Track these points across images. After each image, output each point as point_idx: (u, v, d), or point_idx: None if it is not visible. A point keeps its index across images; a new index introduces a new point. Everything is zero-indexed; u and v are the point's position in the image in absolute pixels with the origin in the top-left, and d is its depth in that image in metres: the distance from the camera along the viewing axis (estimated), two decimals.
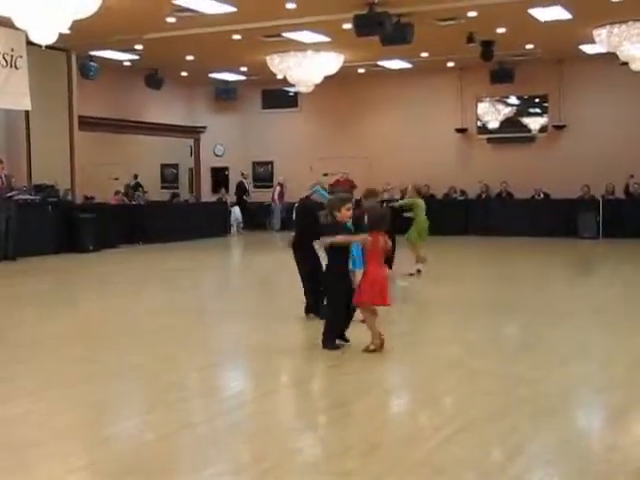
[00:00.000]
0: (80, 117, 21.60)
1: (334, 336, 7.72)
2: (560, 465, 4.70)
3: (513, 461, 4.69)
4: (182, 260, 17.75)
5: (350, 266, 8.33)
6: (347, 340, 7.85)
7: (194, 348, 8.13)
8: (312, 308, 9.40)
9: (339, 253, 7.79)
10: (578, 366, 7.20)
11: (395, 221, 10.21)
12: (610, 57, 19.93)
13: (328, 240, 7.66)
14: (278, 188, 26.36)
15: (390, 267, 12.34)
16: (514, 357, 7.53)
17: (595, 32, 18.66)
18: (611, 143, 23.27)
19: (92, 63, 21.61)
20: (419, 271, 13.48)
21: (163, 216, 22.31)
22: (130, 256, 18.67)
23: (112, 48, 21.02)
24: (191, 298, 11.91)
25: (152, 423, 5.59)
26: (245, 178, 27.07)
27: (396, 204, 13.77)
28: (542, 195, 23.36)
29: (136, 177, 25.34)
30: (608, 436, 5.31)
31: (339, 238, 7.61)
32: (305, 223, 9.29)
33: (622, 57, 19.13)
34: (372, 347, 7.48)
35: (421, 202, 13.85)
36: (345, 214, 7.78)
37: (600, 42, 18.87)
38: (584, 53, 22.03)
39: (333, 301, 7.83)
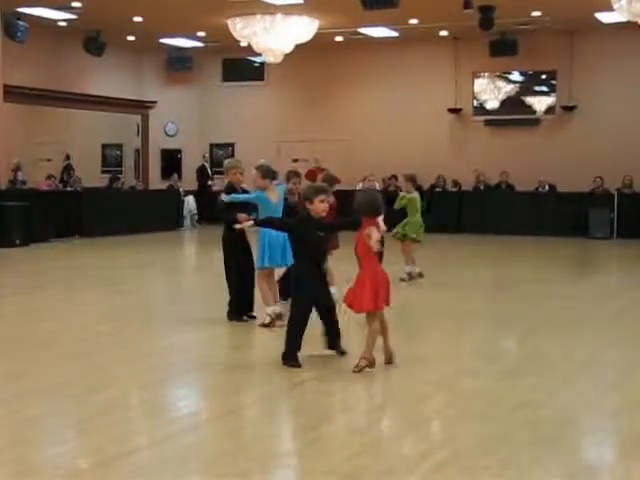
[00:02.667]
0: (5, 87, 21.38)
1: (296, 350, 7.70)
2: None
3: None
4: (125, 258, 17.66)
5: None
6: (343, 352, 7.96)
7: (137, 361, 8.09)
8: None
9: (307, 251, 7.85)
10: (585, 387, 7.27)
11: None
12: (630, 27, 20.06)
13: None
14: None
15: None
16: (511, 376, 7.57)
17: None
18: (629, 128, 23.45)
19: (20, 22, 21.35)
20: (410, 275, 13.45)
21: (104, 205, 22.17)
22: (64, 252, 18.54)
23: (44, 5, 20.85)
24: (134, 303, 11.86)
25: (87, 448, 5.56)
26: (207, 162, 27.01)
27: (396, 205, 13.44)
28: (547, 188, 23.50)
29: (68, 158, 25.06)
30: (620, 469, 5.36)
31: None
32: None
33: None
34: (363, 363, 7.42)
35: (416, 197, 13.71)
36: (319, 207, 7.82)
37: (619, 9, 18.94)
38: (600, 22, 22.18)
39: (296, 309, 7.82)
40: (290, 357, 7.63)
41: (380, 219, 7.81)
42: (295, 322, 7.73)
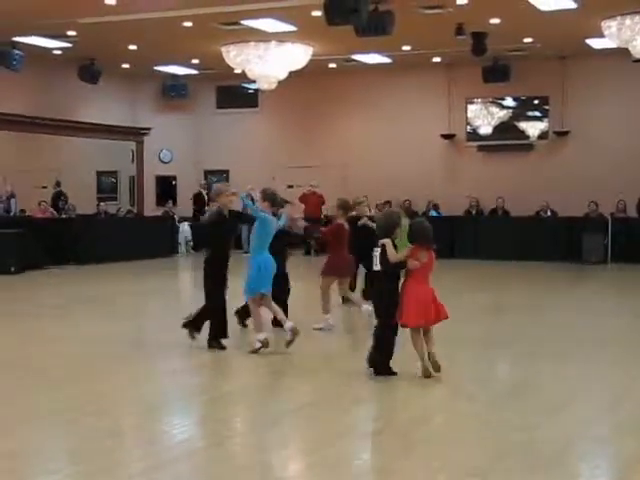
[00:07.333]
0: (0, 114, 21.43)
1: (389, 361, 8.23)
2: None
3: None
4: (119, 284, 17.61)
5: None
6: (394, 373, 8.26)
7: (131, 388, 8.06)
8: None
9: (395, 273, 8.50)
10: (579, 410, 7.25)
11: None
12: (621, 53, 20.17)
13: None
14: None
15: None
16: (506, 399, 7.56)
17: (604, 24, 18.87)
18: (622, 152, 23.49)
19: (16, 51, 21.42)
20: None
21: (98, 232, 22.14)
22: (58, 279, 18.50)
23: (39, 34, 20.90)
24: (127, 328, 11.81)
25: (80, 476, 5.52)
26: (204, 189, 26.99)
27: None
28: (549, 213, 23.35)
29: (59, 185, 24.98)
30: None
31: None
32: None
33: (635, 53, 19.34)
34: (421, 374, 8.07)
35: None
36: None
37: (610, 36, 19.08)
38: (591, 48, 22.28)
39: (387, 323, 8.29)
40: (386, 369, 8.22)
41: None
42: (387, 335, 8.33)
